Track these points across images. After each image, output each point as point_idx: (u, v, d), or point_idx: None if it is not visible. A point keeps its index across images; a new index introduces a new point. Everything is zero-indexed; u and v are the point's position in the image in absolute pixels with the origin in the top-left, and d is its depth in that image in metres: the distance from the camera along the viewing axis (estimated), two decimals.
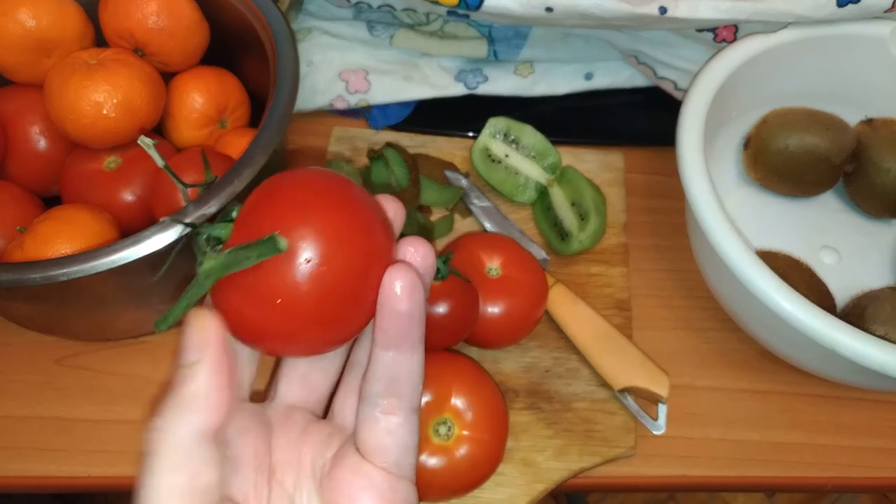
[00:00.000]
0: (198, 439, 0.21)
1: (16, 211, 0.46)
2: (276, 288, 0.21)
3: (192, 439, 0.21)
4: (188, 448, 0.21)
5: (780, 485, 0.46)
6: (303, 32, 0.60)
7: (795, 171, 0.51)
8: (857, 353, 0.38)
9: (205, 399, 0.21)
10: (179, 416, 0.21)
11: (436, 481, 0.38)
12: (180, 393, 0.21)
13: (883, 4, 0.49)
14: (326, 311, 0.22)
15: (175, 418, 0.21)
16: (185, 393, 0.21)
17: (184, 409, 0.21)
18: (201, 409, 0.21)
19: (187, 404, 0.21)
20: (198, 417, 0.21)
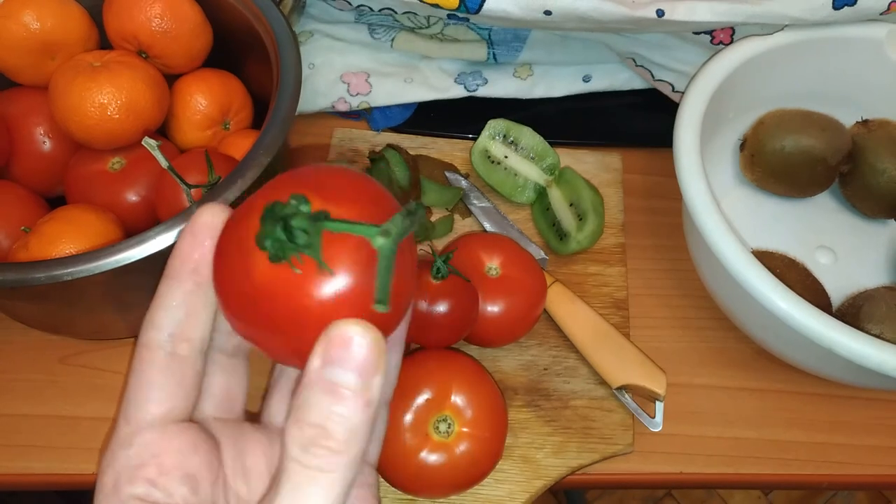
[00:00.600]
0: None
1: (20, 211, 0.46)
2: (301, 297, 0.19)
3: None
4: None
5: (776, 482, 0.46)
6: (305, 35, 0.61)
7: (791, 171, 0.52)
8: (853, 352, 0.38)
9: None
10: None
11: (436, 478, 0.39)
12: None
13: (878, 7, 0.49)
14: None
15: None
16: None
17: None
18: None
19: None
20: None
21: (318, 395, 0.19)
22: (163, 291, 0.22)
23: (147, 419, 0.21)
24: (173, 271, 0.22)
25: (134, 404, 0.21)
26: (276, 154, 0.42)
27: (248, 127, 0.53)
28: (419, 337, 0.43)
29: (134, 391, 0.21)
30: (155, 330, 0.22)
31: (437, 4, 0.50)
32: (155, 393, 0.21)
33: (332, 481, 0.19)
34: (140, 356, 0.22)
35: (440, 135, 0.58)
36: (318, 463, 0.18)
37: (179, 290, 0.22)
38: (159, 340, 0.21)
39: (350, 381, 0.18)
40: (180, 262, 0.22)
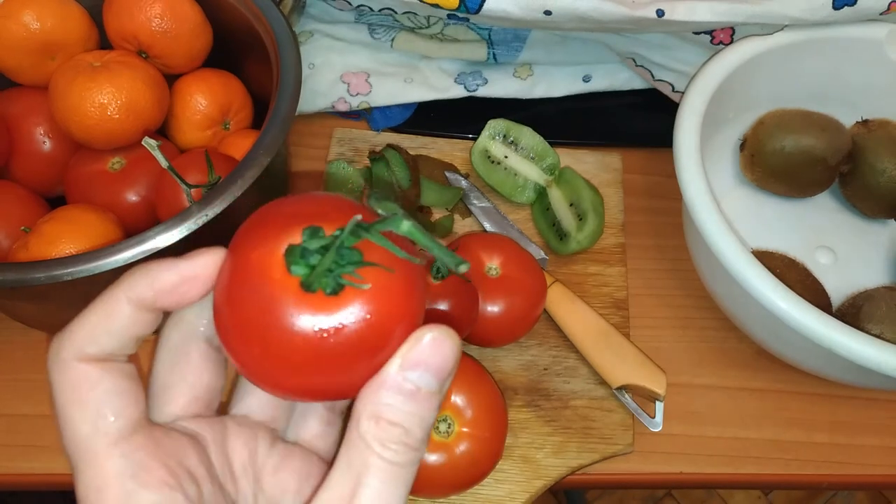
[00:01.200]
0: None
1: (20, 211, 0.46)
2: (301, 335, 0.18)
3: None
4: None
5: (776, 482, 0.46)
6: (305, 35, 0.61)
7: (791, 171, 0.52)
8: (853, 352, 0.38)
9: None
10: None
11: (436, 478, 0.39)
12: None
13: (878, 7, 0.49)
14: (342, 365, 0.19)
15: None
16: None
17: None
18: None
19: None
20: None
21: (400, 396, 0.19)
22: (114, 306, 0.20)
23: (129, 425, 0.20)
24: (133, 295, 0.20)
25: (105, 416, 0.19)
26: (276, 154, 0.42)
27: (248, 127, 0.53)
28: None
29: (99, 404, 0.19)
30: (96, 346, 0.20)
31: (437, 4, 0.50)
32: (124, 399, 0.20)
33: (409, 475, 0.20)
34: (81, 370, 0.20)
35: (440, 135, 0.58)
36: (400, 459, 0.19)
37: (132, 314, 0.20)
38: (104, 352, 0.20)
39: (430, 384, 0.20)
40: (149, 293, 0.20)
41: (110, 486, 0.18)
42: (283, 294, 0.18)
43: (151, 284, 0.20)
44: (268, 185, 0.43)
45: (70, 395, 0.19)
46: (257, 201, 0.42)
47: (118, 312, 0.20)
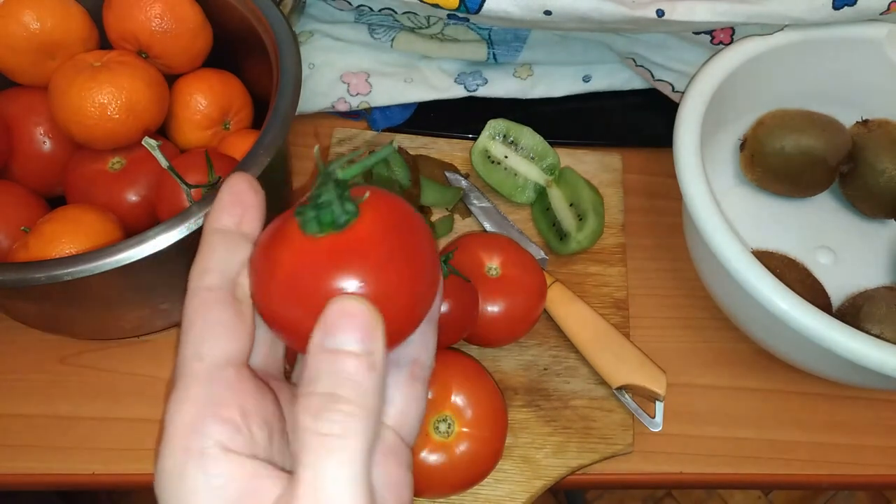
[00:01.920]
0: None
1: (20, 211, 0.46)
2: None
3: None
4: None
5: (776, 482, 0.46)
6: (305, 35, 0.61)
7: (791, 171, 0.52)
8: (853, 352, 0.38)
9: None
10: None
11: (436, 478, 0.39)
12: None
13: (878, 7, 0.49)
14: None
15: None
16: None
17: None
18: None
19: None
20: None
21: (324, 363, 0.19)
22: (209, 240, 0.22)
23: (223, 357, 0.21)
24: (216, 222, 0.22)
25: (208, 341, 0.21)
26: (276, 154, 0.42)
27: (248, 127, 0.53)
28: None
29: (204, 329, 0.21)
30: (210, 274, 0.21)
31: (437, 4, 0.50)
32: (227, 331, 0.21)
33: (350, 447, 0.19)
34: (202, 298, 0.21)
35: (440, 135, 0.58)
36: (333, 428, 0.18)
37: (225, 238, 0.22)
38: (218, 283, 0.21)
39: (353, 345, 0.19)
40: (224, 213, 0.22)
41: (189, 405, 0.20)
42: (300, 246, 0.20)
43: (218, 208, 0.23)
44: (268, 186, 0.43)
45: (187, 319, 0.21)
46: None
47: (211, 242, 0.22)
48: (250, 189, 0.23)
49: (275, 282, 0.20)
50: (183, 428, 0.19)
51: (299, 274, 0.20)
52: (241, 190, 0.23)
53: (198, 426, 0.19)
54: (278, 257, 0.20)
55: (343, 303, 0.19)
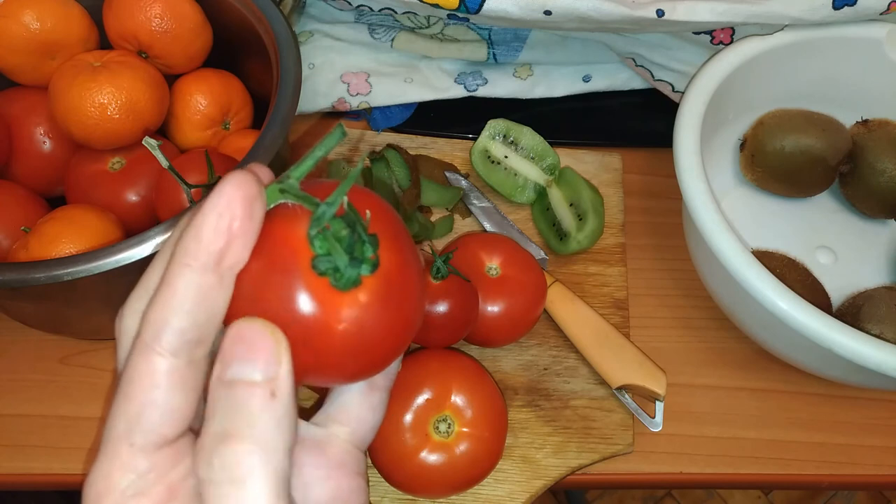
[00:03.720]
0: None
1: (20, 211, 0.46)
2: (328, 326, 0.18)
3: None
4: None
5: (776, 482, 0.46)
6: (305, 35, 0.61)
7: (791, 171, 0.52)
8: (853, 352, 0.38)
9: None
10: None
11: (436, 478, 0.39)
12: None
13: (878, 7, 0.49)
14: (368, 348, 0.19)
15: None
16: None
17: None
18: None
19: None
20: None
21: (218, 399, 0.17)
22: (175, 283, 0.17)
23: (158, 442, 0.18)
24: (189, 257, 0.17)
25: (143, 427, 0.17)
26: (276, 154, 0.42)
27: (248, 127, 0.53)
28: (419, 337, 0.43)
29: (144, 409, 0.17)
30: (170, 332, 0.17)
31: (437, 4, 0.50)
32: (171, 416, 0.18)
33: (252, 491, 0.16)
34: (152, 365, 0.17)
35: (440, 135, 0.58)
36: (229, 474, 0.16)
37: (197, 283, 0.17)
38: (177, 346, 0.17)
39: (247, 374, 0.17)
40: (201, 246, 0.17)
41: (108, 498, 0.17)
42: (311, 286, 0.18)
43: (197, 237, 0.17)
44: None
45: (127, 384, 0.18)
46: None
47: (180, 284, 0.17)
48: (249, 207, 0.18)
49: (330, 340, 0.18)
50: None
51: (358, 335, 0.18)
52: (232, 206, 0.17)
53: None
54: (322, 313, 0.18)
55: (239, 326, 0.17)
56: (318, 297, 0.18)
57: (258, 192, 0.18)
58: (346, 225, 0.18)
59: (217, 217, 0.17)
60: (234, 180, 0.18)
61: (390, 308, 0.19)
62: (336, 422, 0.22)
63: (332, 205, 0.18)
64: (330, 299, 0.18)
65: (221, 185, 0.18)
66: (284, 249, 0.18)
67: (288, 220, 0.19)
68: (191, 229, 0.18)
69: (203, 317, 0.18)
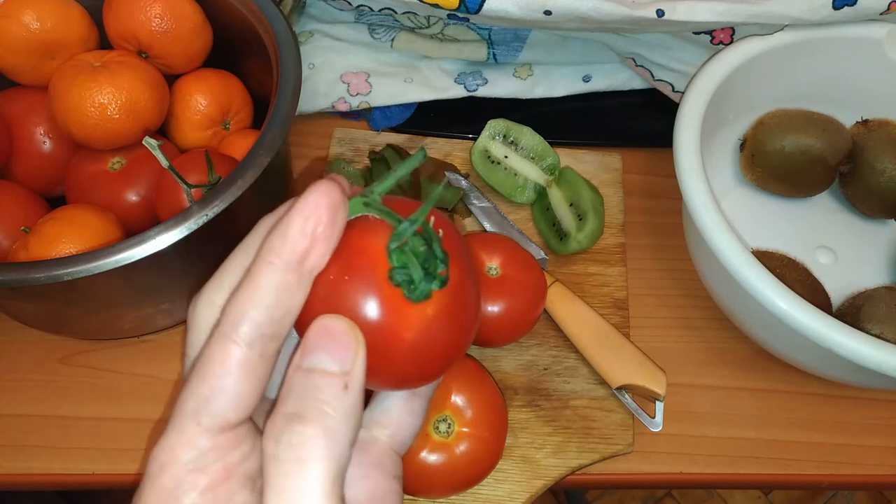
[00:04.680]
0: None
1: (20, 211, 0.46)
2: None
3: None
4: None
5: (776, 482, 0.46)
6: (305, 35, 0.61)
7: (791, 171, 0.52)
8: (853, 352, 0.38)
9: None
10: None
11: (436, 478, 0.39)
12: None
13: (878, 7, 0.49)
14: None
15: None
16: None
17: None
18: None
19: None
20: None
21: (294, 382, 0.19)
22: (258, 278, 0.19)
23: (224, 425, 0.19)
24: (274, 255, 0.19)
25: (211, 409, 0.19)
26: (276, 154, 0.42)
27: (248, 127, 0.53)
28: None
29: (215, 393, 0.19)
30: (248, 324, 0.18)
31: (437, 4, 0.50)
32: (238, 401, 0.19)
33: (313, 474, 0.17)
34: (228, 352, 0.19)
35: (440, 135, 0.58)
36: (293, 453, 0.18)
37: (279, 281, 0.19)
38: (253, 338, 0.19)
39: (328, 364, 0.19)
40: (287, 245, 0.19)
41: (170, 469, 0.19)
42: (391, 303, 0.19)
43: (283, 237, 0.19)
44: (268, 185, 0.43)
45: (204, 366, 0.19)
46: (257, 201, 0.42)
47: (263, 281, 0.19)
48: (333, 214, 0.19)
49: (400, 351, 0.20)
50: (163, 493, 0.18)
51: (422, 343, 0.20)
52: (318, 211, 0.19)
53: (177, 494, 0.18)
54: (391, 324, 0.20)
55: (323, 321, 0.19)
56: (391, 307, 0.19)
57: (342, 201, 0.19)
58: (424, 242, 0.20)
59: (304, 220, 0.19)
60: (322, 188, 0.19)
61: (453, 321, 0.20)
62: (378, 425, 0.23)
63: (414, 222, 0.19)
64: (401, 309, 0.19)
65: (309, 191, 0.19)
66: (363, 259, 0.19)
67: (367, 231, 0.20)
68: (278, 229, 0.19)
69: (280, 313, 0.19)
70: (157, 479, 0.18)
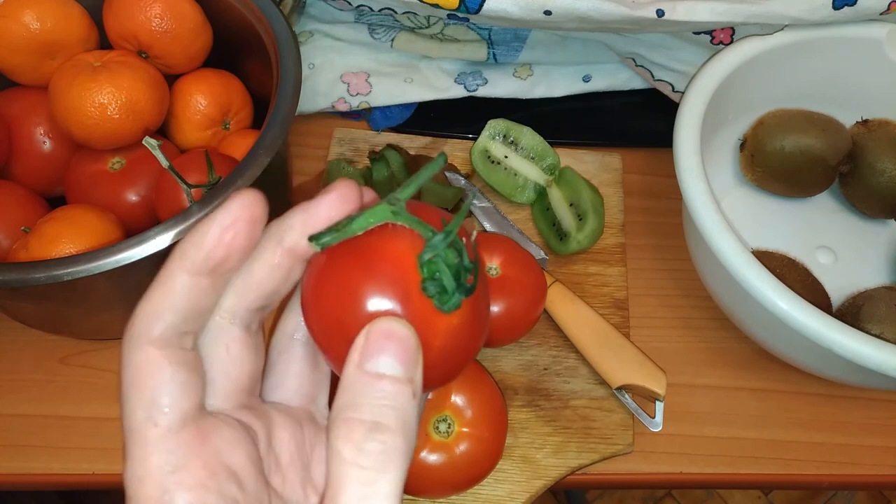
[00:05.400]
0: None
1: (20, 211, 0.46)
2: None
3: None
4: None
5: (776, 482, 0.46)
6: (305, 35, 0.61)
7: (791, 171, 0.52)
8: (853, 352, 0.38)
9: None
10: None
11: (436, 478, 0.39)
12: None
13: (878, 7, 0.49)
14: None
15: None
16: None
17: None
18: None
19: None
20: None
21: (366, 388, 0.19)
22: (172, 282, 0.19)
23: (179, 419, 0.19)
24: (188, 261, 0.19)
25: (161, 404, 0.19)
26: (276, 154, 0.42)
27: (248, 127, 0.53)
28: None
29: (156, 391, 0.19)
30: (161, 322, 0.19)
31: (437, 4, 0.50)
32: (181, 390, 0.19)
33: (392, 479, 0.18)
34: (149, 356, 0.19)
35: (440, 135, 0.58)
36: (376, 461, 0.18)
37: (191, 284, 0.19)
38: (171, 335, 0.19)
39: (395, 370, 0.19)
40: (200, 253, 0.19)
41: (150, 479, 0.18)
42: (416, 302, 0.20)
43: (198, 246, 0.19)
44: (268, 185, 0.43)
45: (132, 377, 0.19)
46: None
47: (175, 284, 0.19)
48: (251, 227, 0.19)
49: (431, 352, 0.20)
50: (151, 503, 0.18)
51: (448, 348, 0.20)
52: (234, 221, 0.19)
53: (166, 500, 0.18)
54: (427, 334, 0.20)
55: (388, 324, 0.19)
56: (423, 317, 0.20)
57: (262, 215, 0.20)
58: (457, 253, 0.20)
59: (221, 229, 0.19)
60: (243, 199, 0.19)
61: (474, 327, 0.21)
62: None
63: (449, 234, 0.20)
64: (431, 319, 0.20)
65: (231, 199, 0.19)
66: (394, 269, 0.20)
67: (395, 239, 0.20)
68: (195, 236, 0.19)
69: (194, 313, 0.19)
70: (140, 494, 0.18)
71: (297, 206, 0.21)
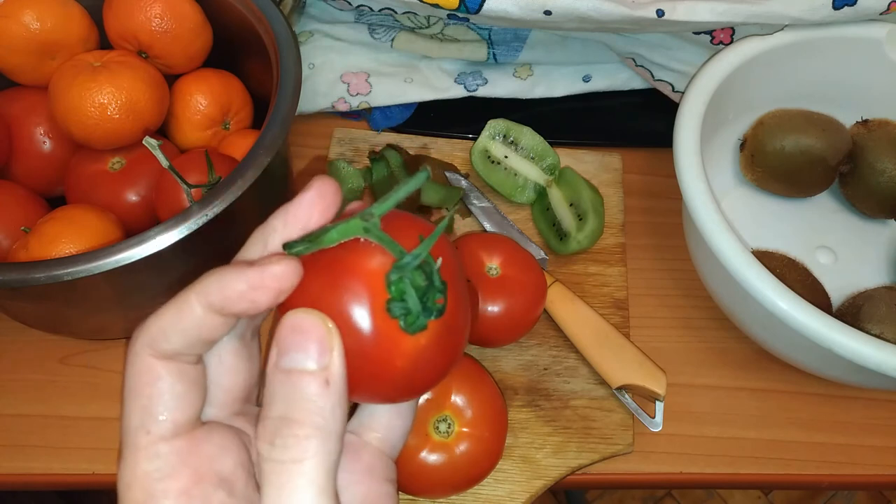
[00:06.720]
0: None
1: (20, 211, 0.46)
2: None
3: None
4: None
5: (776, 482, 0.46)
6: (305, 35, 0.61)
7: (791, 171, 0.52)
8: (853, 352, 0.38)
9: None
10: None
11: (436, 478, 0.39)
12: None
13: (878, 7, 0.49)
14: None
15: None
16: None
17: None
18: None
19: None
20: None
21: (277, 385, 0.19)
22: (187, 311, 0.19)
23: (172, 429, 0.19)
24: (204, 298, 0.19)
25: (156, 414, 0.19)
26: (276, 154, 0.42)
27: (248, 127, 0.53)
28: None
29: (153, 400, 0.19)
30: (168, 340, 0.20)
31: (437, 4, 0.50)
32: (178, 402, 0.20)
33: (308, 471, 0.18)
34: (149, 365, 0.20)
35: (440, 135, 0.58)
36: (289, 454, 0.18)
37: (202, 316, 0.19)
38: (176, 349, 0.20)
39: (306, 363, 0.19)
40: (219, 296, 0.19)
41: (137, 484, 0.19)
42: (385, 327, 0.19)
43: (221, 290, 0.19)
44: (268, 185, 0.43)
45: (132, 383, 0.20)
46: (257, 201, 0.42)
47: (189, 313, 0.19)
48: (276, 295, 0.19)
49: (391, 376, 0.20)
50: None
51: (415, 372, 0.20)
52: (265, 289, 0.19)
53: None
54: (383, 352, 0.20)
55: (294, 318, 0.19)
56: (385, 336, 0.19)
57: (294, 286, 0.19)
58: (425, 276, 0.19)
59: (247, 286, 0.19)
60: (282, 270, 0.19)
61: (444, 348, 0.20)
62: (368, 428, 0.23)
63: (417, 257, 0.19)
64: (395, 339, 0.19)
65: (273, 264, 0.19)
66: (361, 286, 0.19)
67: (364, 254, 0.20)
68: (220, 280, 0.19)
69: (198, 340, 0.20)
70: (127, 497, 0.19)
71: (279, 209, 0.21)
